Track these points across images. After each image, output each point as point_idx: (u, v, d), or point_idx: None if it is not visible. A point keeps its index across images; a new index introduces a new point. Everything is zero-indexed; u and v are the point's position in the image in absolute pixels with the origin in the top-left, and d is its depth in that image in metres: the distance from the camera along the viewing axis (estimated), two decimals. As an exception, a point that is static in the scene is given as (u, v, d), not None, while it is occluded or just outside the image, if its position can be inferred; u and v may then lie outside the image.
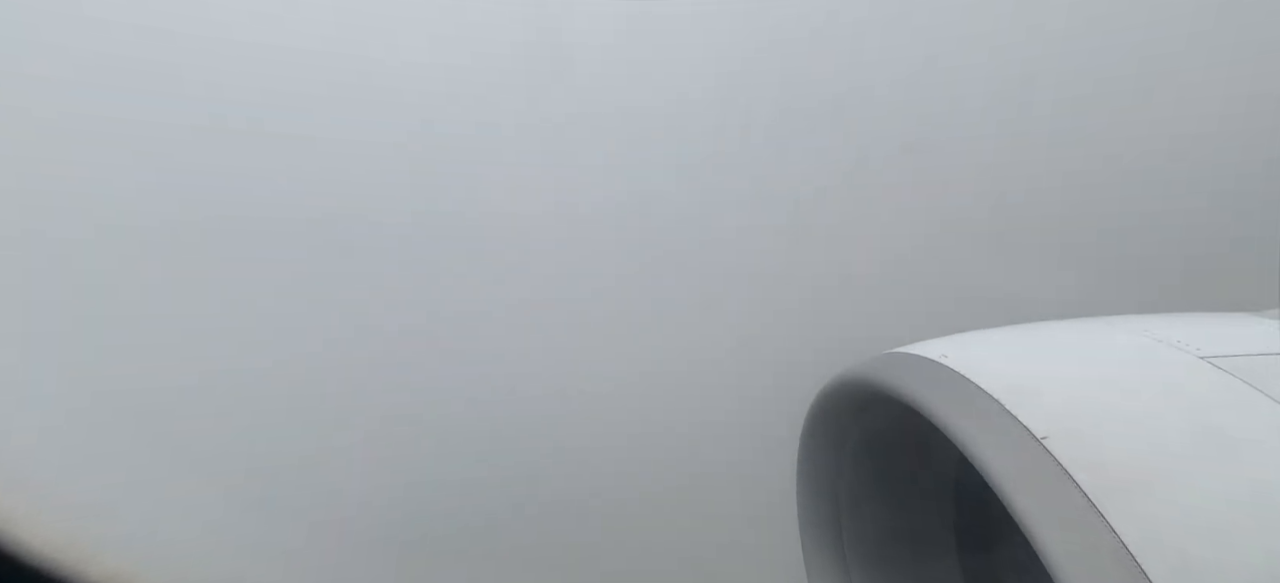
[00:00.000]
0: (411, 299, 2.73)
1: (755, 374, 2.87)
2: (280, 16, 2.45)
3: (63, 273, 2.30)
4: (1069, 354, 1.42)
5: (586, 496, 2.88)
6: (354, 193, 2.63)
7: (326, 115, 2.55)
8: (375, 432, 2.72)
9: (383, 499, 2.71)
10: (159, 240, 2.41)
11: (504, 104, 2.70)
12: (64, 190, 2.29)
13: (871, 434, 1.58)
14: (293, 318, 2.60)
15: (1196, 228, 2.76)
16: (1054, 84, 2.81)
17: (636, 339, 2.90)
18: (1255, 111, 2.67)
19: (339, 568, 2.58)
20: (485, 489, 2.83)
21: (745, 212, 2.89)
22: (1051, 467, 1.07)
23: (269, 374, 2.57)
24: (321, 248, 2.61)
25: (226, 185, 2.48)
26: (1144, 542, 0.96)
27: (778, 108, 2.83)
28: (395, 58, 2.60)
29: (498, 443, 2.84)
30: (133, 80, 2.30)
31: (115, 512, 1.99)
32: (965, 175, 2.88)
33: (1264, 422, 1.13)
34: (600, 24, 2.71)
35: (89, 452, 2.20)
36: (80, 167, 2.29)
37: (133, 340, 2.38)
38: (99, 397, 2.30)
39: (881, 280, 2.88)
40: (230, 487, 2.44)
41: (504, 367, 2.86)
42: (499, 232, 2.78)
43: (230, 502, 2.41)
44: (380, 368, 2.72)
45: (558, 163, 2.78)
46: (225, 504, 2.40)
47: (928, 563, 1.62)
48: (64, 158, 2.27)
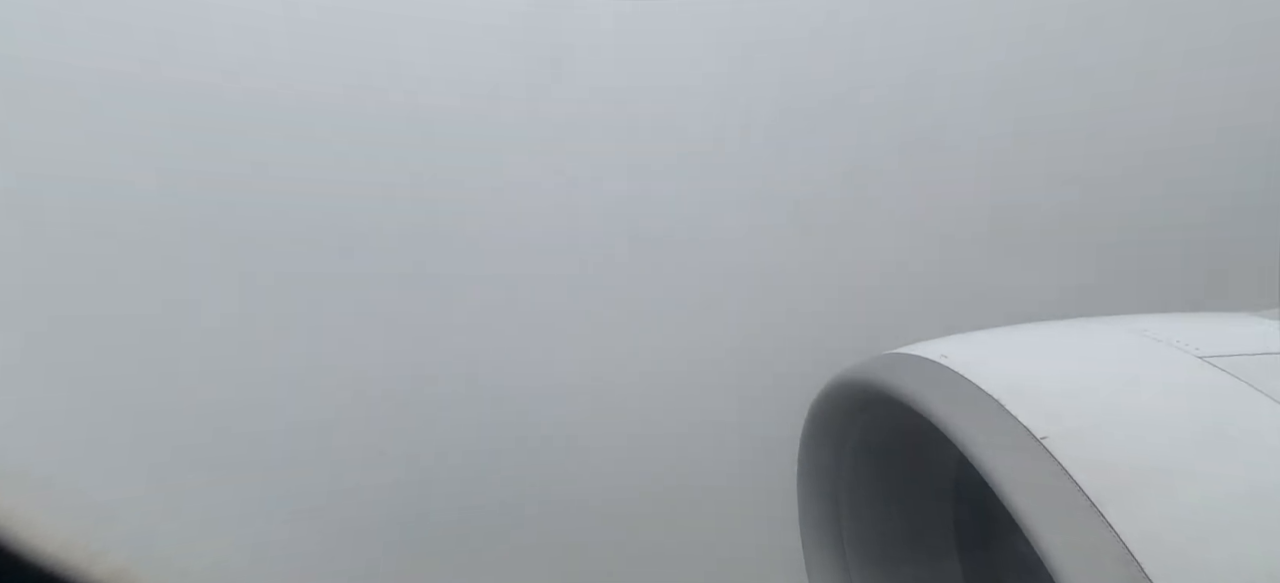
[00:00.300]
0: (410, 298, 2.73)
1: (755, 374, 2.87)
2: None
3: (65, 268, 2.30)
4: (1069, 354, 1.42)
5: (586, 494, 2.89)
6: (353, 192, 2.62)
7: (327, 114, 2.55)
8: (377, 432, 2.72)
9: (385, 498, 2.71)
10: (161, 237, 2.42)
11: (503, 101, 2.69)
12: (66, 187, 2.29)
13: (872, 434, 1.58)
14: (296, 317, 2.60)
15: (1196, 227, 2.76)
16: (1053, 83, 2.81)
17: (636, 338, 2.91)
18: (1255, 109, 2.67)
19: (344, 564, 2.58)
20: (485, 488, 2.84)
21: (745, 211, 2.89)
22: (1051, 467, 1.07)
23: (273, 371, 2.57)
24: (321, 246, 2.62)
25: (226, 185, 2.48)
26: (1144, 541, 0.97)
27: (777, 107, 2.84)
28: (393, 56, 2.60)
29: (497, 441, 2.84)
30: (143, 80, 2.31)
31: (119, 511, 1.99)
32: (964, 175, 2.89)
33: (1264, 422, 1.13)
34: (598, 23, 2.71)
35: (94, 449, 2.20)
36: (84, 164, 2.30)
37: (136, 336, 2.38)
38: (104, 393, 2.30)
39: (881, 280, 2.88)
40: (236, 484, 2.44)
41: (502, 364, 2.86)
42: (497, 229, 2.78)
43: (235, 500, 2.42)
44: (380, 367, 2.72)
45: (556, 160, 2.78)
46: (230, 502, 2.40)
47: (928, 563, 1.62)
48: (66, 154, 2.27)
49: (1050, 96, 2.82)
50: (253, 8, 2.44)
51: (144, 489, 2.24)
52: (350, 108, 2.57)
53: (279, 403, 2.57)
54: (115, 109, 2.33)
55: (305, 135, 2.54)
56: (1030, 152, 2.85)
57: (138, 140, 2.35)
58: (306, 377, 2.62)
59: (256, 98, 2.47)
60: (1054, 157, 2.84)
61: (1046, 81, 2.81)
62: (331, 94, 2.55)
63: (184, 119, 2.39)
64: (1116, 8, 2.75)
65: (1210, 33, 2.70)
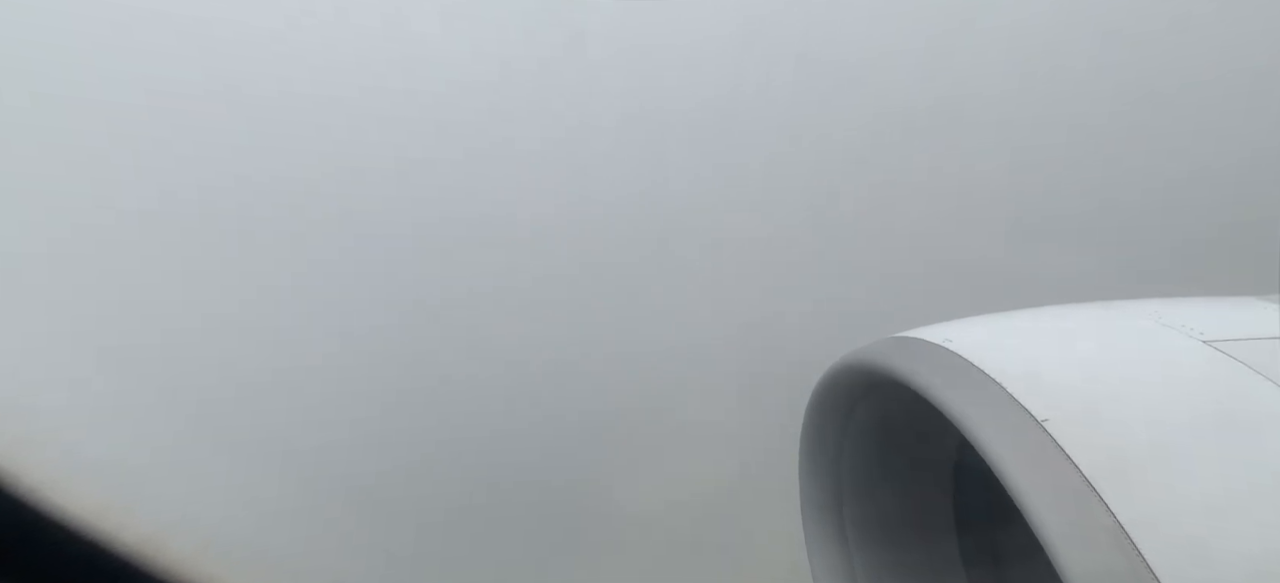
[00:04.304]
0: (421, 290, 2.74)
1: (760, 357, 2.88)
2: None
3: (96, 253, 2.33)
4: (1072, 338, 1.43)
5: (588, 478, 2.91)
6: (369, 188, 2.64)
7: (332, 112, 2.56)
8: (388, 415, 2.75)
9: (397, 477, 2.74)
10: (187, 225, 2.44)
11: (514, 95, 2.69)
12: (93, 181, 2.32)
13: (875, 417, 1.59)
14: (316, 301, 2.63)
15: (1200, 212, 2.74)
16: (1060, 71, 2.79)
17: (640, 321, 2.92)
18: (1258, 93, 2.65)
19: (363, 533, 2.62)
20: (490, 471, 2.86)
21: (751, 196, 2.89)
22: (1051, 448, 1.08)
23: (292, 356, 2.60)
24: (337, 238, 2.63)
25: (244, 178, 2.50)
26: (1141, 522, 0.98)
27: (785, 92, 2.82)
28: (407, 51, 2.60)
29: (497, 423, 2.87)
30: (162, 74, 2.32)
31: (147, 477, 2.04)
32: (971, 162, 2.87)
33: (1265, 405, 1.14)
34: (609, 16, 2.70)
35: (123, 418, 2.24)
36: (105, 160, 2.32)
37: (165, 311, 2.41)
38: (134, 365, 2.34)
39: (886, 265, 2.88)
40: (260, 453, 2.49)
41: (507, 349, 2.87)
42: (506, 220, 2.79)
43: (259, 468, 2.46)
44: (393, 355, 2.75)
45: (564, 152, 2.78)
46: (254, 471, 2.44)
47: (929, 544, 1.63)
48: (85, 152, 2.30)
49: (1055, 84, 2.79)
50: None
51: (174, 458, 2.29)
52: (359, 103, 2.57)
53: (303, 382, 2.61)
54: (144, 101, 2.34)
55: (309, 119, 2.54)
56: (1036, 139, 2.83)
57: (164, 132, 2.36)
58: (327, 358, 2.65)
59: (270, 93, 2.47)
60: (1059, 143, 2.82)
61: (1052, 69, 2.79)
62: (338, 80, 2.56)
63: (197, 112, 2.40)
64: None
65: (1212, 21, 2.68)
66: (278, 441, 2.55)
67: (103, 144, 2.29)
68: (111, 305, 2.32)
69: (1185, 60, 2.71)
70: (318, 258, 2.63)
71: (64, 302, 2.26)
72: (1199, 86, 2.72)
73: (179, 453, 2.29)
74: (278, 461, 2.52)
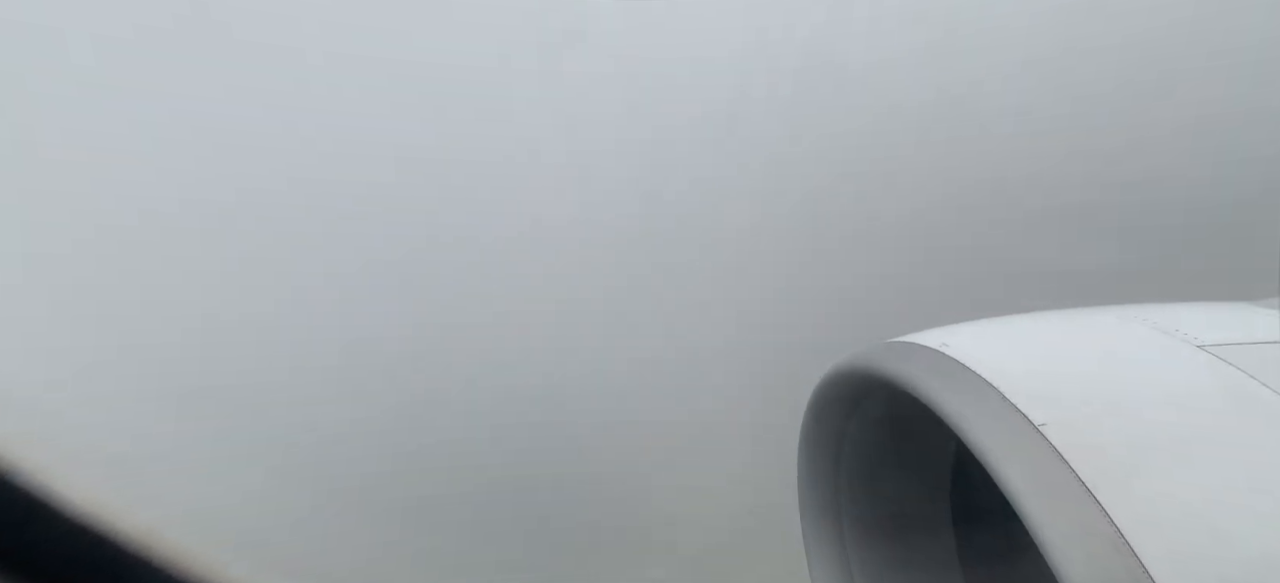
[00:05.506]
0: (418, 294, 2.74)
1: (757, 362, 2.89)
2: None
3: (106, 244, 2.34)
4: (1068, 342, 1.44)
5: (586, 481, 2.91)
6: (364, 190, 2.64)
7: (333, 112, 2.56)
8: (388, 415, 2.75)
9: (394, 477, 2.74)
10: (189, 223, 2.45)
11: (514, 95, 2.70)
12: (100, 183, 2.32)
13: (872, 422, 1.60)
14: (319, 298, 2.63)
15: (1196, 217, 2.76)
16: (1056, 72, 2.80)
17: (638, 327, 2.92)
18: (1257, 99, 2.67)
19: (360, 532, 2.61)
20: (489, 473, 2.86)
21: (748, 198, 2.90)
22: (1048, 453, 1.08)
23: (294, 354, 2.60)
24: (338, 241, 2.64)
25: (242, 180, 2.50)
26: (1138, 526, 0.98)
27: (779, 95, 2.83)
28: (404, 47, 2.60)
29: (496, 426, 2.87)
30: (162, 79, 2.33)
31: (147, 468, 2.04)
32: (966, 166, 2.89)
33: (1260, 410, 1.15)
34: (609, 16, 2.71)
35: (124, 409, 2.24)
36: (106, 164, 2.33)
37: (167, 299, 2.42)
38: (133, 353, 2.34)
39: (883, 269, 2.89)
40: (263, 449, 2.49)
41: (505, 355, 2.88)
42: (506, 220, 2.79)
43: (261, 464, 2.46)
44: (393, 355, 2.74)
45: (561, 153, 2.79)
46: (255, 464, 2.44)
47: (926, 549, 1.64)
48: (86, 151, 2.30)
49: (1052, 86, 2.81)
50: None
51: (175, 449, 2.29)
52: (359, 102, 2.58)
53: (305, 379, 2.61)
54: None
55: (310, 119, 2.54)
56: (1031, 143, 2.85)
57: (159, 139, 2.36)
58: (330, 357, 2.64)
59: (269, 93, 2.48)
60: (1054, 147, 2.84)
61: (1048, 70, 2.80)
62: (337, 80, 2.56)
63: (197, 116, 2.40)
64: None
65: (1214, 22, 2.69)
66: (281, 435, 2.55)
67: (104, 143, 2.30)
68: (113, 304, 2.32)
69: (1185, 60, 2.72)
70: (318, 257, 2.63)
71: (64, 301, 2.27)
72: (1199, 87, 2.73)
73: (181, 448, 2.29)
74: (281, 454, 2.52)
